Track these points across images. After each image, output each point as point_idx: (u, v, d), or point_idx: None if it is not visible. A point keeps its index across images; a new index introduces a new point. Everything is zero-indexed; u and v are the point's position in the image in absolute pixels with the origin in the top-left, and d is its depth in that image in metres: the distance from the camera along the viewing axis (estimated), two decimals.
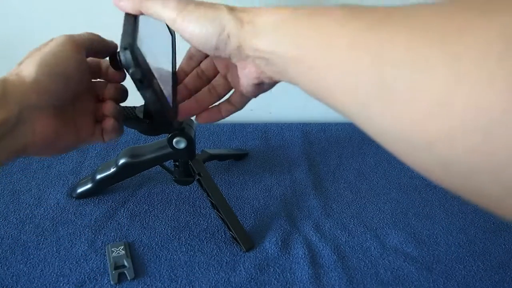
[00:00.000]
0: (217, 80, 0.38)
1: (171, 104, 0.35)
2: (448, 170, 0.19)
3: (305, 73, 0.25)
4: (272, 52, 0.26)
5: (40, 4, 0.61)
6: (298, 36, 0.25)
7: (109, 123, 0.36)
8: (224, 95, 0.39)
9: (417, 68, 0.19)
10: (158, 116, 0.33)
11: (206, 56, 0.38)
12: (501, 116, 0.16)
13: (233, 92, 0.38)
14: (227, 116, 0.38)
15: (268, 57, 0.27)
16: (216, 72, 0.38)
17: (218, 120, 0.38)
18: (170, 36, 0.41)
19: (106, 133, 0.36)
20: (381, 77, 0.20)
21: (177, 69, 0.40)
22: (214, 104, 0.39)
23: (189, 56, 0.39)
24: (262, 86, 0.32)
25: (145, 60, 0.30)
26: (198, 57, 0.38)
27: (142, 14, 0.31)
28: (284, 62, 0.26)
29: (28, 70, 0.30)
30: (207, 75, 0.38)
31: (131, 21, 0.31)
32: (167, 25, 0.41)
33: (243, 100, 0.37)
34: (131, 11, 0.31)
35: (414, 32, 0.19)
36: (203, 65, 0.38)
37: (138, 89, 0.30)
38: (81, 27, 0.36)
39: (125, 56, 0.28)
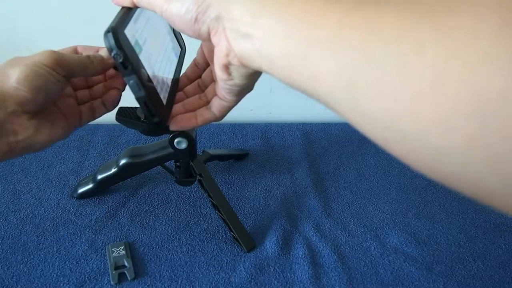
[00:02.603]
0: (209, 87, 0.38)
1: (164, 102, 0.35)
2: (442, 161, 0.17)
3: (284, 51, 0.24)
4: (251, 24, 0.25)
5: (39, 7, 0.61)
6: (281, 10, 0.24)
7: (114, 93, 0.38)
8: None
9: (405, 47, 0.18)
10: (146, 109, 0.32)
11: (209, 65, 0.38)
12: (497, 101, 0.14)
13: (213, 96, 0.37)
14: (203, 124, 0.37)
15: (245, 29, 0.26)
16: (213, 81, 0.38)
17: (192, 127, 0.37)
18: (180, 49, 0.44)
19: (107, 102, 0.38)
20: (369, 57, 0.19)
21: (181, 75, 0.40)
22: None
23: (194, 64, 0.39)
24: (230, 72, 0.30)
25: (132, 48, 0.30)
26: (202, 64, 0.39)
27: (136, 7, 0.32)
28: (262, 36, 0.25)
29: (9, 80, 0.30)
30: (206, 85, 0.39)
31: (123, 11, 0.32)
32: (177, 39, 0.43)
33: (222, 106, 0.35)
34: (127, 4, 0.32)
35: (402, 11, 0.19)
36: (203, 75, 0.39)
37: (123, 76, 0.30)
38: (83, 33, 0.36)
39: (107, 39, 0.28)
